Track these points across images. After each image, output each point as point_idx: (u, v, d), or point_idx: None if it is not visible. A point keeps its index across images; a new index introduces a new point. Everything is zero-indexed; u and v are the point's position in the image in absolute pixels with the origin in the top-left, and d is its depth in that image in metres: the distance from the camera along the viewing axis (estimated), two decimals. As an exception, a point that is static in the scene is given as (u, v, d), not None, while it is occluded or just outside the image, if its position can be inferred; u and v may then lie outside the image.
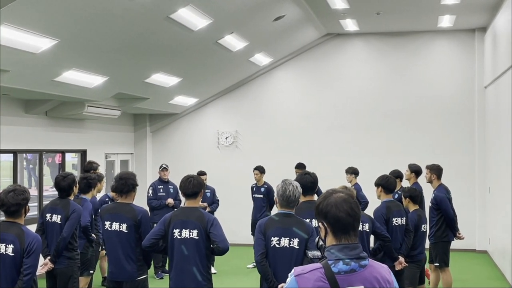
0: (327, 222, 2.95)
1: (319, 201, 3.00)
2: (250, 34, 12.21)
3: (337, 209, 2.92)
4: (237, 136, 15.88)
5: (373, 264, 2.94)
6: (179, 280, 6.09)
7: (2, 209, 5.36)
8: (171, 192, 12.06)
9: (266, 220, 5.78)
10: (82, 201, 8.19)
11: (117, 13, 8.56)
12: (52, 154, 14.18)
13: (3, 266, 5.26)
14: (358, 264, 2.87)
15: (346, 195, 2.98)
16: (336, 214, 2.91)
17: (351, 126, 15.26)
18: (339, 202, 2.93)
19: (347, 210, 2.92)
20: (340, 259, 2.87)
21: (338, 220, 2.91)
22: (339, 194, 2.98)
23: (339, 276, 2.83)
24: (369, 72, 15.36)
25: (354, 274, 2.85)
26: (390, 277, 2.95)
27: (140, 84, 12.38)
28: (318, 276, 2.82)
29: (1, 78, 8.84)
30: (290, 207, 5.72)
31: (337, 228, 2.92)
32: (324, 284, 2.80)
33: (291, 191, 5.65)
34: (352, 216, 2.93)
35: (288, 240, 5.58)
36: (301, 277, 2.84)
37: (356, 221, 2.95)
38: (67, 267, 7.32)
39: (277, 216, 5.73)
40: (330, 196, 2.98)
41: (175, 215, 6.23)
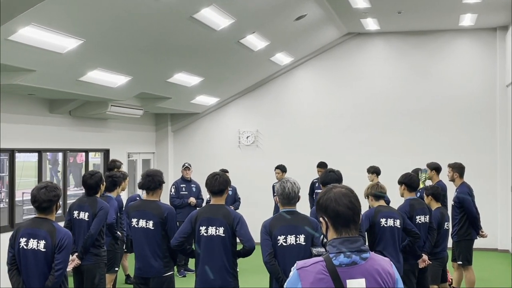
0: (327, 216, 2.97)
1: (319, 196, 3.03)
2: (272, 34, 12.27)
3: (337, 203, 2.94)
4: (258, 135, 15.94)
5: (374, 256, 2.96)
6: (205, 277, 6.15)
7: (34, 205, 5.45)
8: (193, 191, 12.16)
9: (270, 220, 5.79)
10: (108, 199, 8.26)
11: (141, 14, 8.66)
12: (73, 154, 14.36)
13: (35, 261, 5.36)
14: (359, 257, 2.89)
15: (345, 190, 3.00)
16: (335, 208, 2.94)
17: (372, 125, 15.26)
18: (338, 196, 2.96)
19: (347, 203, 2.94)
20: (341, 252, 2.89)
21: (338, 214, 2.94)
22: (338, 188, 3.01)
23: (340, 268, 2.85)
24: (390, 72, 15.35)
25: (355, 267, 2.87)
26: (391, 269, 2.96)
27: (162, 84, 12.48)
28: (320, 269, 2.85)
29: (27, 78, 8.97)
30: (292, 204, 5.75)
31: (337, 222, 2.95)
32: (325, 276, 2.83)
33: (290, 188, 5.68)
34: (352, 209, 2.95)
35: (295, 237, 5.61)
36: (303, 270, 2.87)
37: (356, 214, 2.97)
38: (94, 264, 7.42)
39: (281, 215, 5.75)
40: (330, 191, 3.00)
41: (202, 212, 6.29)
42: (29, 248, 5.37)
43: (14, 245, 5.47)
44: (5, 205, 11.70)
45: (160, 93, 13.18)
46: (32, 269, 5.39)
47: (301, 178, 12.53)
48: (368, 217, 7.15)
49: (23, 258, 5.41)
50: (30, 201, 5.49)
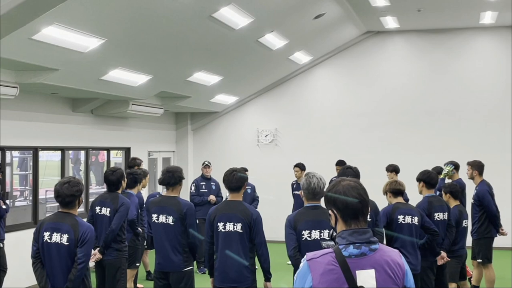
0: (336, 209, 3.01)
1: (328, 189, 3.06)
2: (290, 33, 12.33)
3: (346, 195, 2.97)
4: (277, 134, 16.01)
5: (384, 248, 2.99)
6: (224, 272, 6.24)
7: (57, 200, 5.56)
8: (213, 188, 12.26)
9: (294, 215, 5.84)
10: (128, 196, 8.38)
11: (161, 13, 8.77)
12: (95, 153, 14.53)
13: (58, 255, 5.47)
14: (369, 248, 2.92)
15: (353, 182, 3.04)
16: (345, 200, 2.97)
17: (391, 124, 15.26)
18: (347, 188, 2.99)
19: (356, 195, 2.98)
20: (351, 243, 2.92)
21: (347, 206, 2.97)
22: (347, 181, 3.04)
23: (350, 259, 2.88)
24: (409, 70, 15.34)
25: (364, 258, 2.90)
26: (400, 260, 2.98)
27: (182, 83, 12.60)
28: (329, 260, 2.88)
29: (50, 77, 9.13)
30: (316, 199, 5.77)
31: (347, 214, 2.98)
32: (335, 267, 2.86)
33: (315, 183, 5.71)
34: (361, 201, 2.98)
35: (319, 232, 5.65)
36: (312, 262, 2.90)
37: (364, 206, 3.00)
38: (115, 259, 7.55)
39: (305, 210, 5.80)
40: (338, 184, 3.04)
41: (219, 209, 6.38)
42: (53, 241, 5.48)
43: (38, 239, 5.59)
44: (29, 203, 11.90)
45: (180, 92, 13.30)
46: (55, 263, 5.50)
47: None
48: (386, 213, 7.18)
49: (46, 252, 5.52)
50: (54, 196, 5.61)
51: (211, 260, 6.40)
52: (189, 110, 15.66)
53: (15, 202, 12.74)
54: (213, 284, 6.38)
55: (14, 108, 10.20)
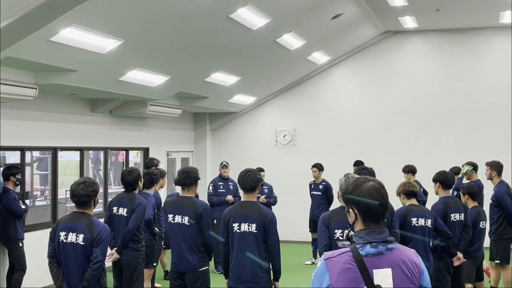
0: (358, 209, 3.02)
1: (351, 188, 3.05)
2: (308, 33, 12.33)
3: (370, 198, 2.98)
4: (295, 134, 16.01)
5: (400, 247, 3.00)
6: (238, 272, 6.26)
7: (73, 200, 5.63)
8: (231, 189, 12.29)
9: (329, 213, 5.84)
10: (145, 196, 8.45)
11: (179, 14, 8.82)
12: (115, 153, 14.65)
13: (74, 254, 5.53)
14: (385, 247, 2.94)
15: (377, 184, 3.04)
16: (368, 203, 2.98)
17: (409, 124, 15.19)
18: (372, 191, 3.00)
19: (379, 199, 2.99)
20: (368, 242, 2.95)
21: (370, 209, 2.98)
22: (370, 182, 3.04)
23: (367, 258, 2.90)
24: (428, 70, 15.25)
25: (381, 257, 2.92)
26: (417, 259, 3.00)
27: (200, 83, 12.65)
28: (347, 259, 2.90)
29: (69, 78, 9.23)
30: None
31: (368, 216, 3.00)
32: (352, 266, 2.88)
33: None
34: (384, 205, 3.00)
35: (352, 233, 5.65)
36: (330, 261, 2.93)
37: (386, 210, 3.02)
38: (132, 258, 7.61)
39: (341, 209, 5.76)
40: (362, 184, 3.03)
41: (233, 209, 6.40)
42: (69, 241, 5.54)
43: (54, 239, 5.65)
44: (49, 203, 12.04)
45: (198, 92, 13.36)
46: (71, 262, 5.56)
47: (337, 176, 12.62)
48: (399, 216, 7.14)
49: (62, 251, 5.58)
50: (70, 196, 5.68)
51: (226, 261, 6.43)
52: (207, 110, 15.72)
53: (35, 202, 12.89)
54: (228, 285, 6.40)
55: (33, 109, 10.32)
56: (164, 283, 10.94)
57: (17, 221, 9.42)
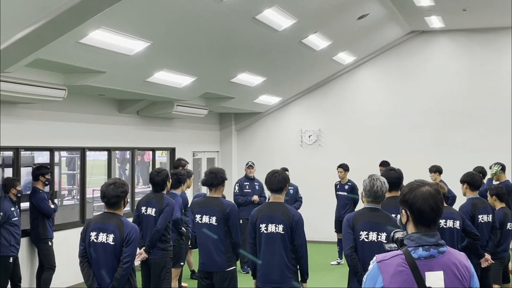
0: (410, 212, 3.06)
1: (406, 191, 3.09)
2: (334, 33, 12.32)
3: (424, 202, 3.02)
4: (320, 134, 16.00)
5: (451, 251, 3.05)
6: (266, 272, 6.29)
7: (103, 201, 5.71)
8: (256, 189, 12.33)
9: (354, 215, 5.83)
10: (172, 196, 8.51)
11: (205, 15, 8.88)
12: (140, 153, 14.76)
13: (105, 254, 5.60)
14: (437, 251, 2.99)
15: (433, 190, 3.06)
16: (421, 207, 3.02)
17: (435, 124, 15.10)
18: (426, 196, 3.03)
19: (432, 205, 3.02)
20: (420, 245, 2.99)
21: (423, 213, 3.03)
22: (426, 187, 3.07)
23: (419, 261, 2.95)
24: (455, 70, 15.15)
25: (433, 260, 2.97)
26: (467, 262, 3.05)
27: (226, 84, 12.71)
28: (399, 261, 2.96)
29: (98, 79, 9.35)
30: (377, 202, 5.74)
31: (420, 220, 3.04)
32: (405, 269, 2.93)
33: (379, 187, 5.68)
34: (436, 211, 3.04)
35: (376, 235, 5.62)
36: (383, 263, 2.98)
37: (438, 216, 3.06)
38: (161, 258, 7.70)
39: (364, 211, 5.78)
40: (417, 188, 3.07)
41: (261, 210, 6.42)
42: (99, 241, 5.62)
43: (85, 239, 5.73)
44: (77, 202, 12.19)
45: (223, 93, 13.42)
46: (101, 262, 5.63)
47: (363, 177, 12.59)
48: None
49: (93, 251, 5.65)
50: (100, 197, 5.76)
51: (254, 262, 6.46)
52: (233, 110, 15.78)
53: (63, 201, 13.06)
54: (256, 285, 6.44)
55: (62, 109, 10.46)
56: (190, 282, 11.02)
57: (46, 221, 9.56)
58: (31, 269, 9.88)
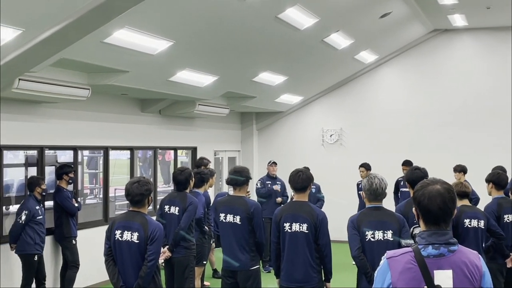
0: (418, 210, 3.06)
1: (417, 188, 3.09)
2: (356, 32, 12.27)
3: (429, 201, 2.99)
4: (342, 133, 15.95)
5: (462, 249, 3.01)
6: (290, 272, 6.27)
7: (127, 199, 5.73)
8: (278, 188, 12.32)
9: (357, 216, 5.84)
10: (195, 195, 8.53)
11: (227, 15, 8.89)
12: (161, 152, 14.80)
13: (129, 252, 5.62)
14: (447, 249, 2.96)
15: (442, 188, 3.02)
16: (427, 206, 3.00)
17: (458, 123, 14.97)
18: (433, 195, 3.00)
19: (439, 204, 2.98)
20: (430, 243, 2.98)
21: (429, 212, 3.00)
22: (435, 186, 3.03)
23: (428, 259, 2.94)
24: (478, 68, 15.01)
25: (443, 258, 2.95)
26: (479, 262, 3.00)
27: (247, 83, 12.72)
28: (408, 259, 2.95)
29: (121, 79, 9.40)
30: (378, 200, 5.76)
31: (427, 218, 3.03)
32: (413, 266, 2.93)
33: (377, 184, 5.70)
34: (444, 210, 2.99)
35: (382, 233, 5.62)
36: (392, 260, 2.99)
37: (447, 214, 3.01)
38: (184, 257, 7.72)
39: (368, 211, 5.79)
40: (426, 186, 3.05)
41: (284, 209, 6.42)
42: (124, 239, 5.64)
43: (110, 237, 5.75)
44: (99, 201, 12.27)
45: (245, 92, 13.43)
46: (126, 260, 5.65)
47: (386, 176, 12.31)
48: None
49: (118, 249, 5.68)
50: (124, 195, 5.79)
51: (277, 261, 6.45)
52: (254, 110, 15.78)
53: (86, 200, 13.14)
54: (280, 284, 6.43)
55: (86, 109, 10.54)
56: (212, 281, 11.04)
57: (70, 219, 9.63)
58: (56, 267, 9.96)
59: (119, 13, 6.88)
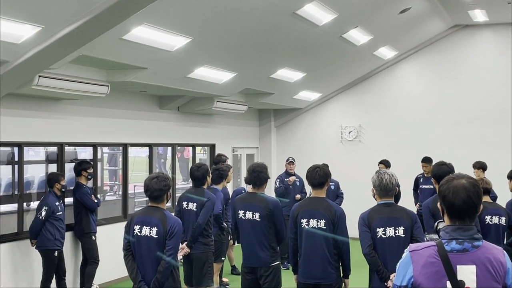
0: (443, 204, 3.03)
1: (442, 182, 3.06)
2: (375, 28, 12.20)
3: (454, 195, 2.97)
4: (361, 130, 15.87)
5: (487, 245, 2.98)
6: (308, 268, 6.25)
7: (146, 194, 5.76)
8: (297, 185, 12.28)
9: (368, 213, 5.79)
10: (214, 191, 8.54)
11: (245, 11, 8.88)
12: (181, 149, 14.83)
13: (148, 247, 5.64)
14: (471, 245, 2.93)
15: (468, 183, 2.99)
16: (451, 200, 2.97)
17: (478, 120, 14.82)
18: (458, 189, 2.97)
19: (463, 198, 2.95)
20: (454, 238, 2.95)
21: (453, 206, 2.98)
22: (461, 180, 3.01)
23: (452, 254, 2.91)
24: (499, 64, 14.83)
25: (466, 254, 2.92)
26: (503, 258, 2.96)
27: (266, 80, 12.70)
28: (431, 253, 2.93)
29: (140, 76, 9.43)
30: (389, 196, 5.72)
31: (452, 213, 3.00)
32: (436, 260, 2.91)
33: (387, 180, 5.67)
34: (468, 204, 2.96)
35: (394, 230, 5.58)
36: (415, 253, 2.97)
37: (472, 209, 2.97)
38: (202, 253, 7.74)
39: (379, 207, 5.74)
40: (452, 181, 3.02)
41: (302, 205, 6.41)
42: (143, 235, 5.66)
43: (129, 232, 5.77)
44: (119, 197, 12.33)
45: (263, 88, 13.42)
46: (145, 255, 5.67)
47: (405, 173, 12.52)
48: None
49: (137, 245, 5.70)
50: (143, 190, 5.81)
51: (295, 257, 6.43)
52: (272, 106, 15.76)
53: (106, 197, 13.23)
54: (297, 280, 6.41)
55: (105, 106, 10.60)
56: (231, 277, 11.05)
57: (90, 215, 9.70)
58: (75, 263, 10.04)
59: (137, 10, 6.89)
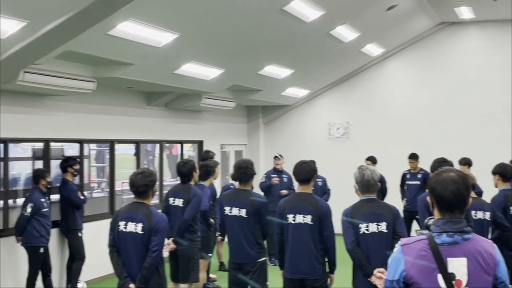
0: (433, 198, 3.06)
1: (431, 176, 3.11)
2: (362, 25, 12.22)
3: (443, 188, 3.00)
4: (349, 127, 15.91)
5: (477, 238, 3.01)
6: (294, 263, 6.25)
7: (131, 190, 5.73)
8: (285, 181, 12.27)
9: (351, 209, 5.76)
10: (201, 187, 8.53)
11: (233, 7, 8.86)
12: (169, 146, 14.80)
13: (133, 243, 5.62)
14: (461, 237, 2.97)
15: (456, 176, 3.03)
16: (440, 192, 3.00)
17: (464, 117, 14.90)
18: (447, 182, 3.00)
19: (453, 190, 2.98)
20: (444, 231, 2.98)
21: (442, 198, 3.00)
22: (450, 173, 3.04)
23: (442, 247, 2.95)
24: (485, 62, 14.92)
25: (456, 246, 2.95)
26: (493, 250, 3.00)
27: (254, 76, 12.69)
28: (422, 246, 2.97)
29: (126, 72, 9.40)
30: (371, 192, 5.70)
31: (441, 205, 3.02)
32: (427, 253, 2.95)
33: (369, 175, 5.64)
34: (457, 196, 2.99)
35: (376, 225, 5.57)
36: (406, 247, 3.01)
37: (461, 202, 3.00)
38: (188, 249, 7.72)
39: (361, 203, 5.72)
40: (441, 174, 3.06)
41: (288, 201, 6.41)
42: (128, 231, 5.63)
43: (114, 228, 5.75)
44: (106, 194, 12.29)
45: (251, 85, 13.41)
46: (130, 251, 5.65)
47: (392, 169, 12.58)
48: None
49: (122, 241, 5.68)
50: (129, 186, 5.79)
51: (281, 252, 6.44)
52: (261, 103, 15.76)
53: (93, 194, 13.18)
54: (283, 276, 6.42)
55: (91, 102, 10.54)
56: (219, 274, 11.03)
57: (76, 212, 9.65)
58: (61, 260, 10.00)
59: (123, 5, 6.87)
